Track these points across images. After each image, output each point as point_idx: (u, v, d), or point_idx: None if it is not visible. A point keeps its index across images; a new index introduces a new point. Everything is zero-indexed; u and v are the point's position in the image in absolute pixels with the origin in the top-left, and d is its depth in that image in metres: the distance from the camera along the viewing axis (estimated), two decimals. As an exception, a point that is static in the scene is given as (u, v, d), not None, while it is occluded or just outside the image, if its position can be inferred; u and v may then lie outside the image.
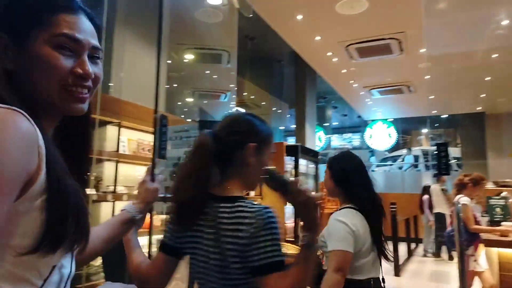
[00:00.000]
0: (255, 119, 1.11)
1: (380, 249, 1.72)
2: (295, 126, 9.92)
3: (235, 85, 7.82)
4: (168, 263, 1.10)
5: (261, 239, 0.92)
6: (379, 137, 13.10)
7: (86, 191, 0.76)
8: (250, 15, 4.04)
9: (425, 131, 16.96)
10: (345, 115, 16.14)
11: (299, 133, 9.73)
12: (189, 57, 6.03)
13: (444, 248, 6.94)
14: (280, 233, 0.97)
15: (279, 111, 11.87)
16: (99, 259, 2.94)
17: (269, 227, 0.93)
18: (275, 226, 0.95)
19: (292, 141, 10.24)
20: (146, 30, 4.79)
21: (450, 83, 9.13)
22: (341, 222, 1.65)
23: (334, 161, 1.85)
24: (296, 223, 5.04)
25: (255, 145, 1.04)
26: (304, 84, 9.46)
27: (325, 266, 1.68)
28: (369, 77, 8.86)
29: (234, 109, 9.98)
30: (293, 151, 5.47)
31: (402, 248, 6.75)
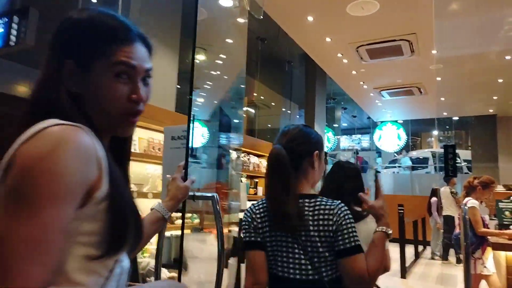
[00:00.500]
0: (313, 130, 1.39)
1: None
2: (304, 127, 9.92)
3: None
4: (264, 257, 1.26)
5: (345, 226, 1.17)
6: (388, 139, 13.00)
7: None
8: (261, 17, 4.08)
9: (435, 133, 16.80)
10: (354, 116, 16.06)
11: (308, 134, 9.70)
12: (200, 57, 6.11)
13: (452, 251, 6.89)
14: None
15: (288, 112, 11.89)
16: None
17: (348, 217, 1.19)
18: (351, 216, 1.21)
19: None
20: (161, 30, 4.87)
21: (461, 85, 9.05)
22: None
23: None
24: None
25: (317, 152, 1.32)
26: (314, 85, 9.47)
27: None
28: (379, 79, 8.84)
29: (244, 109, 10.04)
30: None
31: (409, 250, 6.73)
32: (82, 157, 0.62)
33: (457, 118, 13.98)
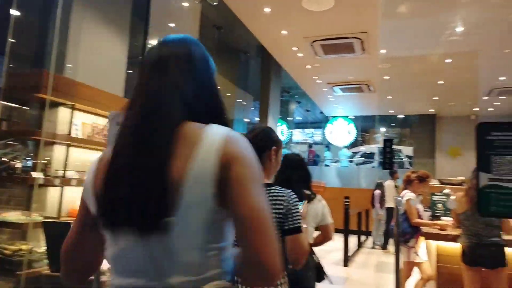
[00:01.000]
0: (275, 132, 1.69)
1: None
2: (259, 119, 9.97)
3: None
4: None
5: (293, 211, 1.47)
6: (339, 134, 13.49)
7: None
8: (215, 3, 3.99)
9: (383, 129, 17.68)
10: (308, 111, 16.43)
11: (262, 126, 9.75)
12: (152, 42, 5.87)
13: (392, 240, 7.32)
14: None
15: (243, 103, 11.87)
16: (43, 246, 2.84)
17: (295, 203, 1.50)
18: (297, 202, 1.53)
19: (254, 133, 10.24)
20: (110, 10, 4.59)
21: (406, 84, 9.56)
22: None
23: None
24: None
25: (275, 148, 1.62)
26: (269, 78, 9.52)
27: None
28: (332, 74, 9.07)
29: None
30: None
31: (352, 240, 7.06)
32: None
33: (402, 116, 14.82)
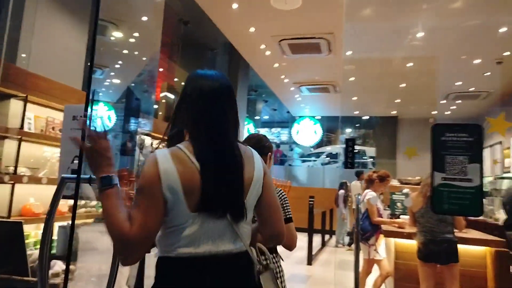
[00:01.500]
0: (266, 138, 1.92)
1: None
2: (225, 117, 9.88)
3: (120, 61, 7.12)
4: None
5: (284, 205, 1.74)
6: (305, 133, 13.65)
7: None
8: (181, -4, 3.88)
9: (348, 130, 18.12)
10: (275, 110, 16.52)
11: (228, 124, 9.68)
12: (111, 34, 5.61)
13: (355, 239, 7.50)
14: None
15: (210, 100, 11.70)
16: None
17: (285, 198, 1.78)
18: (286, 197, 1.80)
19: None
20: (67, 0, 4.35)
21: (370, 86, 9.83)
22: None
23: None
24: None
25: (270, 154, 1.88)
26: (237, 76, 9.47)
27: None
28: (299, 74, 9.16)
29: (162, 94, 9.59)
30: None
31: (316, 239, 7.15)
32: None
33: (367, 117, 15.25)
